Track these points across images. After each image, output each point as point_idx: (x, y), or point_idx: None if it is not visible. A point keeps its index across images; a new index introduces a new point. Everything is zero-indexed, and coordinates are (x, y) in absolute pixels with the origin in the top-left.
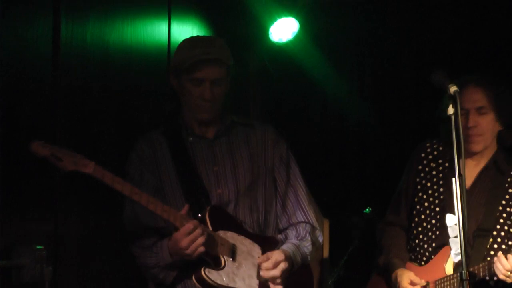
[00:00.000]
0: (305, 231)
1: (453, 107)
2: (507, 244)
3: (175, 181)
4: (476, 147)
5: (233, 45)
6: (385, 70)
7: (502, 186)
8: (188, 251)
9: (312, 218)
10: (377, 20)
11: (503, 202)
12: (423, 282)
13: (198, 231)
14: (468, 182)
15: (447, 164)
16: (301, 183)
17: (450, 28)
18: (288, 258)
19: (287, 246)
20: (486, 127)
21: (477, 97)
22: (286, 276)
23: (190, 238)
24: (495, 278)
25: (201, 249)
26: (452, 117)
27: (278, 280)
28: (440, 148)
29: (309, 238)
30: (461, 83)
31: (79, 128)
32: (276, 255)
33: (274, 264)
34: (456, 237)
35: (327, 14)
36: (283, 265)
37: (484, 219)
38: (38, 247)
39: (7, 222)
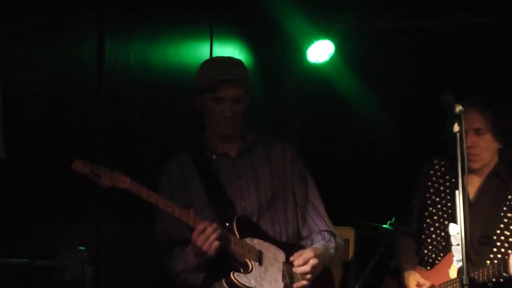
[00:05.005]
0: (329, 236)
1: (458, 125)
2: (506, 248)
3: (203, 196)
4: (474, 164)
5: (272, 66)
6: (415, 94)
7: (504, 194)
8: (205, 248)
9: (331, 227)
10: (407, 45)
11: (505, 208)
12: (428, 284)
13: (210, 229)
14: (472, 194)
15: (453, 180)
16: (318, 198)
17: (465, 53)
18: (318, 255)
19: (318, 245)
20: (483, 147)
21: (474, 119)
22: (317, 272)
23: (205, 236)
24: (493, 279)
25: (215, 244)
26: (457, 134)
27: (309, 276)
28: (447, 165)
29: (333, 242)
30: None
31: (121, 146)
32: (307, 252)
33: (305, 260)
34: (458, 245)
35: (361, 37)
36: (313, 261)
37: (487, 226)
38: (79, 248)
39: (51, 225)
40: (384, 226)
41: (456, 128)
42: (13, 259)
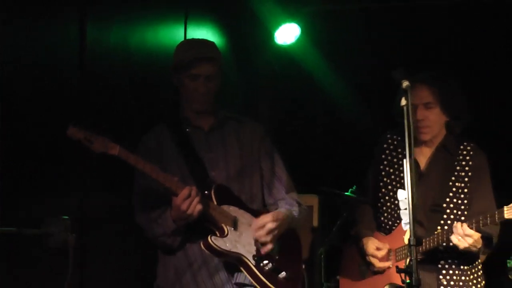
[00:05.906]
0: (292, 201)
1: (405, 99)
2: (456, 215)
3: (183, 166)
4: (425, 136)
5: (244, 48)
6: (377, 72)
7: (452, 165)
8: (189, 211)
9: (295, 196)
10: (370, 25)
11: (453, 178)
12: (387, 246)
13: (193, 193)
14: (423, 165)
15: (405, 152)
16: (284, 172)
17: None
18: (278, 219)
19: (280, 209)
20: (433, 119)
21: (423, 94)
22: (276, 235)
23: (189, 201)
24: (444, 244)
25: (199, 207)
26: (405, 108)
27: (267, 238)
28: (399, 138)
29: (296, 206)
30: (411, 82)
31: (103, 122)
32: (265, 217)
33: (260, 225)
34: (405, 209)
35: (327, 20)
36: (270, 225)
37: (437, 195)
38: (63, 217)
39: (38, 195)
40: (346, 193)
41: (403, 101)
42: (1, 228)
